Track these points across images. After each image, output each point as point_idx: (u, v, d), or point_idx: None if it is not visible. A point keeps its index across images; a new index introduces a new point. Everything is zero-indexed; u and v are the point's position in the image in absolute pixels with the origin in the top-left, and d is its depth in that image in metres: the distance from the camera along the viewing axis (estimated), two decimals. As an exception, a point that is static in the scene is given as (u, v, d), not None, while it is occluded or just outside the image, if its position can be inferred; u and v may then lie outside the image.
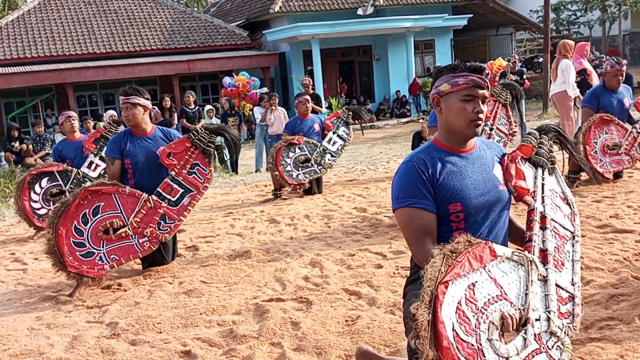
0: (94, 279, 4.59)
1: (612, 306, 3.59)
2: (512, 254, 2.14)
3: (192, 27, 22.46)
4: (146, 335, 3.72)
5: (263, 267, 4.93)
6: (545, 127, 2.79)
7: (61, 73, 19.11)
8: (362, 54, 23.61)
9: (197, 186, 4.92)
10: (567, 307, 2.29)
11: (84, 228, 4.56)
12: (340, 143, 8.08)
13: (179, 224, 4.91)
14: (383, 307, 3.82)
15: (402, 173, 2.40)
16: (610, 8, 26.85)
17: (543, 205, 2.46)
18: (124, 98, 4.79)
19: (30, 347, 3.67)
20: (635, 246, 4.62)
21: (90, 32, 21.18)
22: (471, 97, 2.35)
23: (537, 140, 2.68)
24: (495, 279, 2.06)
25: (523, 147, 2.61)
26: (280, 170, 7.66)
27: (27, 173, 6.84)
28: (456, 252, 2.00)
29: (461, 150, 2.44)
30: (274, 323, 3.68)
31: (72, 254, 4.51)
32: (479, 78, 2.35)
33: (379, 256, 4.97)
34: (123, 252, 4.69)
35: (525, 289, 2.12)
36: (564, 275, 2.34)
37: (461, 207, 2.35)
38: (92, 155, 6.74)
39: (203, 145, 4.95)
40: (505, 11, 24.79)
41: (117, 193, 4.67)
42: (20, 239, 6.75)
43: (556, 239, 2.41)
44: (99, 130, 6.86)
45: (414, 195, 2.34)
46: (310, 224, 6.37)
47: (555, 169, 2.66)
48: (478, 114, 2.35)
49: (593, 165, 6.62)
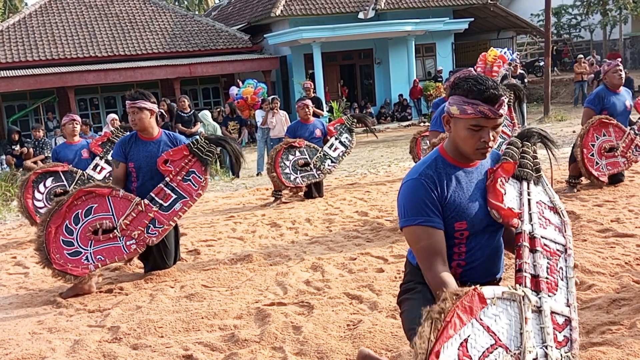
0: (76, 277, 4.61)
1: (613, 310, 3.59)
2: (502, 293, 2.07)
3: (193, 30, 22.48)
4: (148, 340, 3.72)
5: (264, 271, 4.94)
6: (527, 132, 2.64)
7: (62, 76, 19.12)
8: (363, 58, 23.62)
9: (191, 193, 4.95)
10: (564, 333, 2.23)
11: (75, 227, 4.62)
12: (341, 149, 8.09)
13: (168, 229, 4.91)
14: (385, 312, 3.82)
15: (410, 190, 2.33)
16: (611, 12, 26.86)
17: (531, 224, 2.35)
18: (131, 102, 4.80)
19: (31, 351, 3.67)
20: (636, 250, 4.62)
21: (92, 36, 21.20)
22: (479, 127, 2.26)
23: (519, 150, 2.54)
24: (488, 327, 2.00)
25: (505, 165, 2.44)
26: (278, 172, 7.67)
27: (33, 171, 6.86)
28: (444, 311, 1.93)
29: (467, 165, 2.40)
30: (276, 327, 3.68)
31: (60, 252, 4.56)
32: (489, 110, 2.23)
33: (381, 260, 4.98)
34: (109, 253, 4.72)
35: (519, 328, 2.07)
36: (559, 298, 2.27)
37: (466, 225, 2.34)
38: (98, 158, 6.80)
39: (201, 154, 4.97)
40: (506, 15, 24.79)
41: (111, 196, 4.71)
42: (21, 242, 6.75)
43: (548, 258, 2.31)
44: (106, 134, 6.95)
45: (422, 214, 2.29)
46: (312, 228, 6.37)
47: (541, 176, 2.53)
48: (485, 143, 2.28)
49: (589, 168, 6.63)
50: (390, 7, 22.50)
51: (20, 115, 20.60)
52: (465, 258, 2.41)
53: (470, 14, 24.28)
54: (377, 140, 17.09)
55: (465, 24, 23.58)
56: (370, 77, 23.82)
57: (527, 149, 2.55)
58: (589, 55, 23.98)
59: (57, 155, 6.91)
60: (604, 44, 27.88)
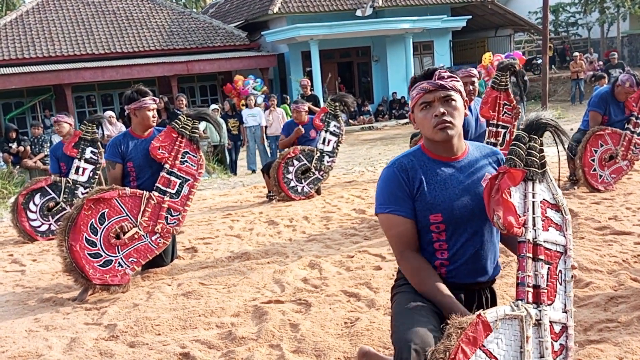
0: (120, 286, 4.57)
1: (611, 308, 3.59)
2: (504, 314, 2.04)
3: (190, 28, 22.45)
4: (145, 337, 3.71)
5: (262, 268, 4.93)
6: (536, 123, 2.29)
7: (59, 74, 19.09)
8: (361, 55, 23.61)
9: (192, 174, 4.93)
10: (561, 342, 2.21)
11: (95, 238, 4.52)
12: (334, 140, 8.00)
13: (185, 214, 4.92)
14: (382, 309, 3.81)
15: (383, 178, 2.38)
16: (608, 9, 26.85)
17: (534, 229, 2.21)
18: (151, 100, 4.81)
19: (28, 349, 3.66)
20: (634, 248, 4.62)
21: (89, 33, 21.16)
22: (426, 104, 2.33)
23: (525, 147, 2.27)
24: (491, 352, 2.01)
25: (511, 173, 2.21)
26: (285, 189, 7.64)
27: (18, 194, 6.78)
28: (448, 349, 1.92)
29: (448, 158, 2.36)
30: (273, 325, 3.68)
31: (91, 266, 4.48)
32: (428, 83, 2.31)
33: (378, 258, 4.97)
34: (139, 253, 4.69)
35: (520, 347, 2.07)
36: (557, 305, 2.22)
37: (442, 217, 2.31)
38: (77, 160, 6.66)
39: (188, 132, 4.95)
40: (504, 13, 24.80)
41: (118, 197, 4.65)
42: (18, 240, 6.73)
43: (548, 262, 2.22)
44: (76, 133, 6.70)
45: (392, 202, 2.33)
46: (309, 226, 6.37)
47: (546, 171, 2.30)
48: (439, 117, 2.28)
49: (593, 184, 6.64)
50: (388, 4, 22.49)
51: (17, 112, 20.56)
52: (449, 257, 2.34)
53: (468, 11, 24.28)
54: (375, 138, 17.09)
55: (463, 22, 23.58)
56: (368, 75, 23.81)
57: (535, 144, 2.28)
58: (587, 53, 23.97)
59: (55, 154, 6.84)
60: (601, 41, 27.89)
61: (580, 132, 6.96)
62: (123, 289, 4.61)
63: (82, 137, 6.60)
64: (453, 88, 2.32)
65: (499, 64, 5.77)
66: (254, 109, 12.41)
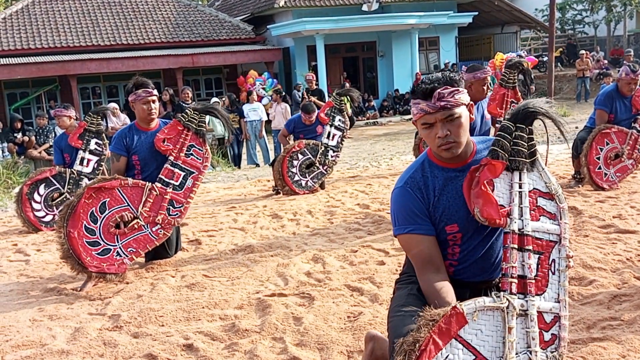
0: (117, 275, 4.59)
1: (614, 306, 3.59)
2: (484, 305, 2.04)
3: (196, 20, 22.43)
4: (148, 328, 3.72)
5: (265, 262, 4.94)
6: (523, 111, 2.26)
7: (65, 65, 19.09)
8: (366, 50, 23.57)
9: (197, 167, 4.92)
10: (552, 331, 2.20)
11: (95, 226, 4.53)
12: (338, 135, 8.00)
13: (188, 207, 4.91)
14: (385, 304, 3.81)
15: (397, 198, 2.34)
16: (615, 8, 26.73)
17: (522, 219, 2.19)
18: (149, 91, 4.74)
19: (32, 338, 3.68)
20: (638, 247, 4.62)
21: (95, 24, 21.15)
22: (428, 124, 2.22)
23: (511, 138, 2.24)
24: (468, 343, 2.00)
25: (490, 166, 2.20)
26: (289, 183, 7.65)
27: (23, 184, 6.80)
28: (418, 341, 1.92)
29: (455, 165, 2.30)
30: (276, 318, 3.69)
31: (89, 254, 4.49)
32: (427, 105, 2.18)
33: (382, 253, 4.97)
34: (139, 243, 4.70)
35: (502, 337, 2.06)
36: (549, 295, 2.20)
37: (458, 228, 2.28)
38: (81, 152, 6.68)
39: (195, 126, 4.94)
40: (510, 9, 24.71)
41: (120, 186, 4.65)
42: (22, 230, 6.75)
43: (539, 252, 2.20)
44: (81, 124, 6.71)
45: (410, 222, 2.29)
46: (313, 220, 6.37)
47: (536, 160, 2.26)
48: (441, 139, 2.20)
49: (598, 182, 6.62)
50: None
51: (22, 103, 20.59)
52: (459, 258, 2.35)
53: (474, 7, 24.20)
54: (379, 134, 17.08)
55: (469, 18, 23.51)
56: (373, 70, 23.77)
57: (522, 133, 2.25)
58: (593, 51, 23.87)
59: (59, 145, 6.85)
60: (607, 40, 27.77)
61: (586, 130, 6.94)
62: (120, 278, 4.63)
63: (87, 129, 6.61)
64: (455, 105, 2.19)
65: (508, 61, 5.77)
66: (255, 104, 12.50)
